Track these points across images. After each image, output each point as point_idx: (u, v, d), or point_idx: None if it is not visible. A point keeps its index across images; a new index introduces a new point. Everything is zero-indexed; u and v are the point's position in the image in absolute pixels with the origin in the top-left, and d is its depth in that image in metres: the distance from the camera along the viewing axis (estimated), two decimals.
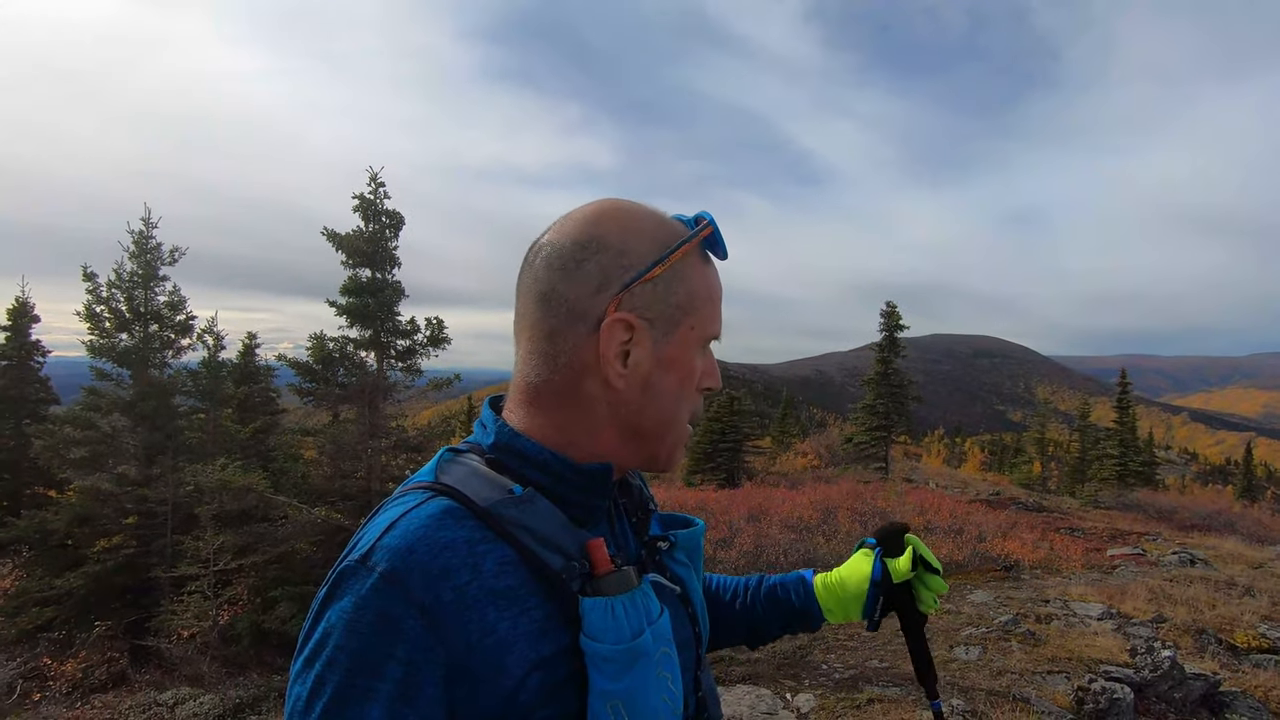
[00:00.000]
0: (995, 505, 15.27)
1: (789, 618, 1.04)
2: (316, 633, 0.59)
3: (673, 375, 0.71)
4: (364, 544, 0.61)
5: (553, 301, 0.68)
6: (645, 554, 0.78)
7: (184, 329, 11.58)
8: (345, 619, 0.57)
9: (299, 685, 0.58)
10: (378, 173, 10.06)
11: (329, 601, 0.60)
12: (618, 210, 0.72)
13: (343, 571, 0.60)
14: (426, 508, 0.63)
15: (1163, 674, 4.44)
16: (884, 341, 23.14)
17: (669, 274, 0.70)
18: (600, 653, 0.61)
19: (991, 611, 6.35)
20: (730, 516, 11.94)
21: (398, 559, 0.58)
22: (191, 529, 9.63)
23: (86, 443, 10.62)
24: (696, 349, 0.73)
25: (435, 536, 0.60)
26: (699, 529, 0.84)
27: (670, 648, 0.67)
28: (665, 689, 0.65)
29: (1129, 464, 24.37)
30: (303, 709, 0.56)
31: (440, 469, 0.69)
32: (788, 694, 4.43)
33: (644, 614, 0.65)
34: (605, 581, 0.64)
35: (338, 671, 0.56)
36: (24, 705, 7.81)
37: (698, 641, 0.80)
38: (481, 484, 0.66)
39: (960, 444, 69.25)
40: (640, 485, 0.85)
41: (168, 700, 7.10)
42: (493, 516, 0.63)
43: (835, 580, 1.04)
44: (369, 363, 10.03)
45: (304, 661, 0.59)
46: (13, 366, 16.61)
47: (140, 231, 11.31)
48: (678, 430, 0.74)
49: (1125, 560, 9.47)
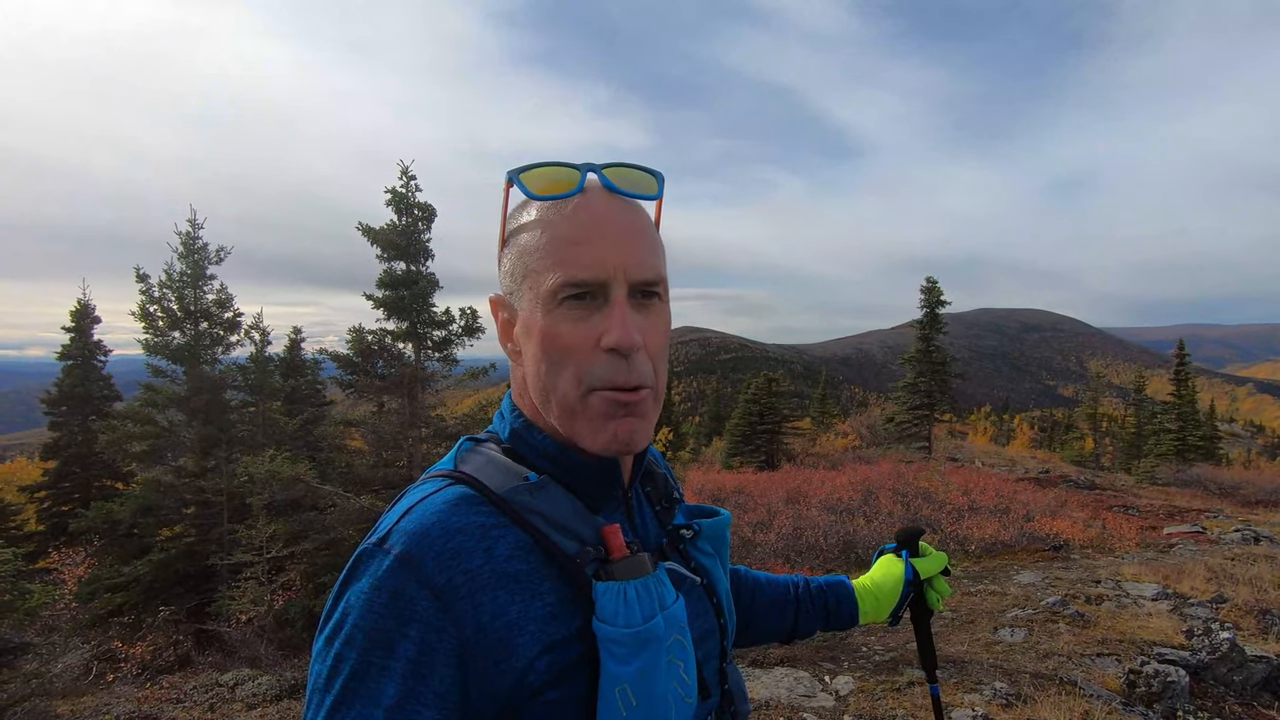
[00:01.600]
0: (1044, 483, 14.84)
1: (829, 617, 1.11)
2: (336, 613, 0.61)
3: (532, 340, 0.67)
4: (382, 528, 0.64)
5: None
6: (667, 542, 0.78)
7: (232, 325, 11.99)
8: (363, 599, 0.60)
9: (319, 663, 0.60)
10: (408, 165, 10.19)
11: (348, 583, 0.62)
12: None
13: (361, 554, 0.63)
14: (443, 494, 0.65)
15: (1221, 656, 4.27)
16: (925, 318, 22.58)
17: (511, 246, 0.71)
18: (611, 636, 0.62)
19: (1038, 593, 6.19)
20: (768, 499, 11.89)
21: (412, 542, 0.61)
22: (245, 518, 10.02)
23: (146, 437, 11.12)
24: (541, 308, 0.66)
25: (449, 521, 0.62)
26: (724, 519, 0.83)
27: (684, 635, 0.67)
28: (676, 675, 0.65)
29: (1188, 438, 23.41)
30: (323, 685, 0.59)
31: (460, 458, 0.71)
32: (826, 676, 4.41)
33: (657, 600, 0.65)
34: (619, 566, 0.65)
35: (355, 649, 0.58)
36: (99, 685, 8.28)
37: (722, 633, 0.80)
38: (498, 472, 0.68)
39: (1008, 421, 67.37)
40: (666, 474, 0.85)
41: (228, 681, 7.43)
42: (508, 503, 0.65)
43: (872, 584, 1.13)
44: (406, 354, 10.23)
45: (324, 640, 0.61)
46: (77, 366, 17.46)
47: (187, 232, 11.72)
48: (559, 397, 0.66)
49: (1183, 538, 9.11)
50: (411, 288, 10.03)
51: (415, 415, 10.04)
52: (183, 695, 7.33)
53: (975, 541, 8.89)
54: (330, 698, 0.58)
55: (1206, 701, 3.97)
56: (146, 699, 7.25)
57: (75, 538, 12.37)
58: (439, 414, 10.92)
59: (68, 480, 16.84)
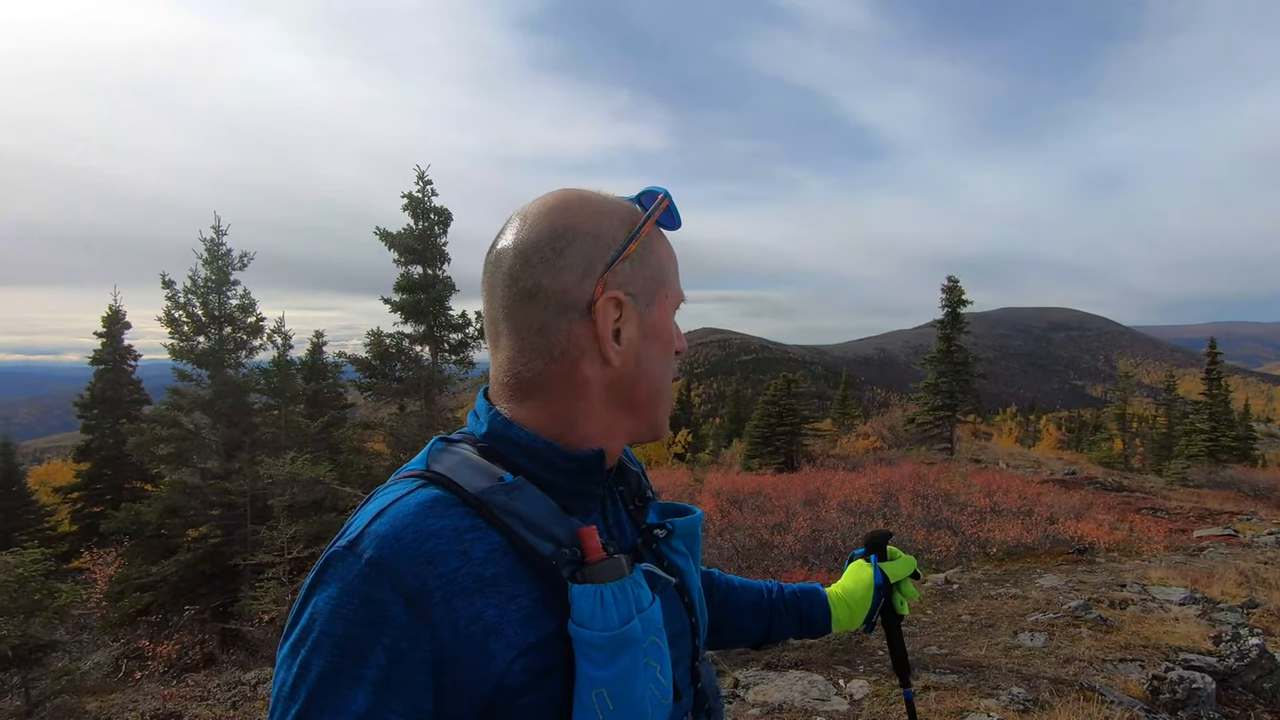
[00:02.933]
0: (1070, 485, 14.55)
1: (802, 624, 1.12)
2: (303, 618, 0.59)
3: (658, 344, 0.74)
4: (353, 530, 0.61)
5: (539, 296, 0.69)
6: (642, 542, 0.77)
7: (255, 330, 12.20)
8: (331, 605, 0.57)
9: (284, 670, 0.58)
10: (424, 171, 10.29)
11: (316, 587, 0.59)
12: (578, 197, 0.73)
13: (330, 557, 0.60)
14: (416, 495, 0.63)
15: (1250, 663, 4.15)
16: (946, 318, 22.29)
17: (641, 249, 0.72)
18: (588, 639, 0.61)
19: (1061, 596, 6.06)
20: (787, 501, 11.80)
21: (385, 546, 0.58)
22: (268, 519, 10.19)
23: (172, 440, 11.36)
24: (671, 315, 0.77)
25: (423, 524, 0.60)
26: (697, 517, 0.83)
27: (660, 637, 0.66)
28: (653, 678, 0.64)
29: (1221, 439, 22.81)
30: (288, 694, 0.56)
31: (432, 458, 0.69)
32: (840, 680, 4.36)
33: (634, 602, 0.64)
34: (596, 569, 0.64)
35: (322, 657, 0.56)
36: (127, 683, 8.47)
37: (694, 632, 0.79)
38: (472, 472, 0.66)
39: (1034, 422, 66.16)
40: (639, 473, 0.85)
41: (251, 680, 7.55)
42: (483, 504, 0.63)
43: (844, 591, 1.14)
44: (424, 357, 10.33)
45: (290, 646, 0.58)
46: (109, 370, 17.91)
47: (211, 239, 11.96)
48: (667, 394, 0.77)
49: (1214, 541, 8.88)
50: (428, 291, 10.13)
51: (433, 417, 10.14)
52: (207, 693, 7.46)
53: (997, 544, 8.74)
54: (296, 706, 0.56)
55: (1234, 709, 3.86)
56: (172, 696, 7.39)
57: (106, 538, 12.66)
58: (457, 416, 11.01)
59: (99, 482, 17.26)
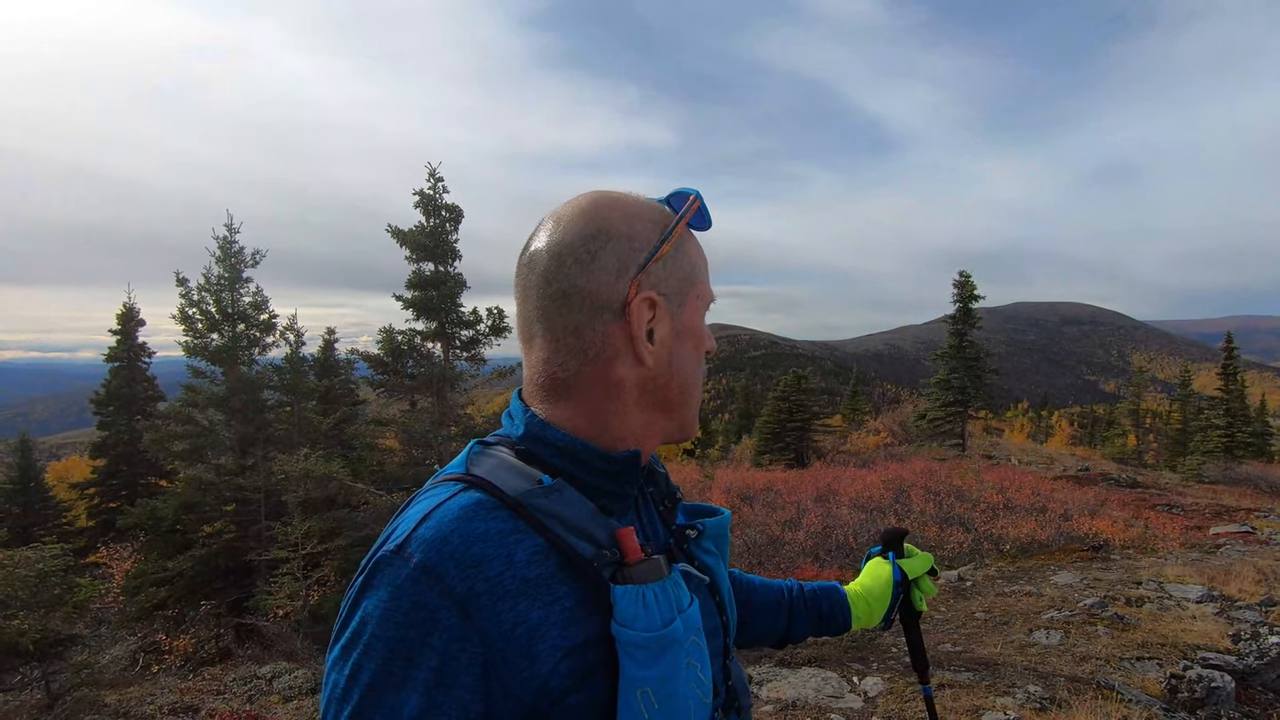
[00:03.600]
0: (1083, 481, 14.44)
1: (822, 623, 1.13)
2: (354, 621, 0.60)
3: (690, 343, 0.75)
4: (399, 535, 0.62)
5: (573, 297, 0.69)
6: (674, 543, 0.79)
7: (268, 327, 12.29)
8: (382, 608, 0.58)
9: (336, 673, 0.59)
10: (436, 168, 10.32)
11: (365, 591, 0.61)
12: (611, 199, 0.74)
13: (379, 561, 0.61)
14: (459, 499, 0.64)
15: (1270, 661, 4.11)
16: (958, 313, 22.13)
17: (673, 250, 0.74)
18: (631, 640, 0.62)
19: (1076, 594, 6.02)
20: (798, 497, 11.78)
21: (432, 550, 0.59)
22: (282, 515, 10.28)
23: (187, 436, 11.48)
24: (703, 314, 0.78)
25: (468, 528, 0.61)
26: (725, 518, 0.85)
27: (700, 637, 0.68)
28: (694, 677, 0.65)
29: (1237, 434, 22.55)
30: (340, 696, 0.58)
31: (471, 461, 0.70)
32: (855, 677, 4.35)
33: (674, 603, 0.65)
34: (636, 569, 0.65)
35: (374, 659, 0.57)
36: (144, 676, 8.57)
37: (725, 630, 0.81)
38: (511, 475, 0.67)
39: (1047, 417, 65.67)
40: (665, 474, 0.86)
41: (266, 674, 7.63)
42: (523, 507, 0.64)
43: (863, 589, 1.16)
44: (435, 354, 10.36)
45: (341, 649, 0.60)
46: (123, 367, 18.10)
47: (224, 237, 12.04)
48: (697, 393, 0.79)
49: (1231, 539, 8.78)
50: (440, 288, 10.16)
51: (445, 414, 10.18)
52: (223, 687, 7.54)
53: (1010, 541, 8.69)
54: (349, 708, 0.57)
55: (1254, 708, 3.82)
56: (188, 690, 7.48)
57: (122, 534, 12.83)
58: (468, 413, 11.05)
59: (115, 478, 17.47)
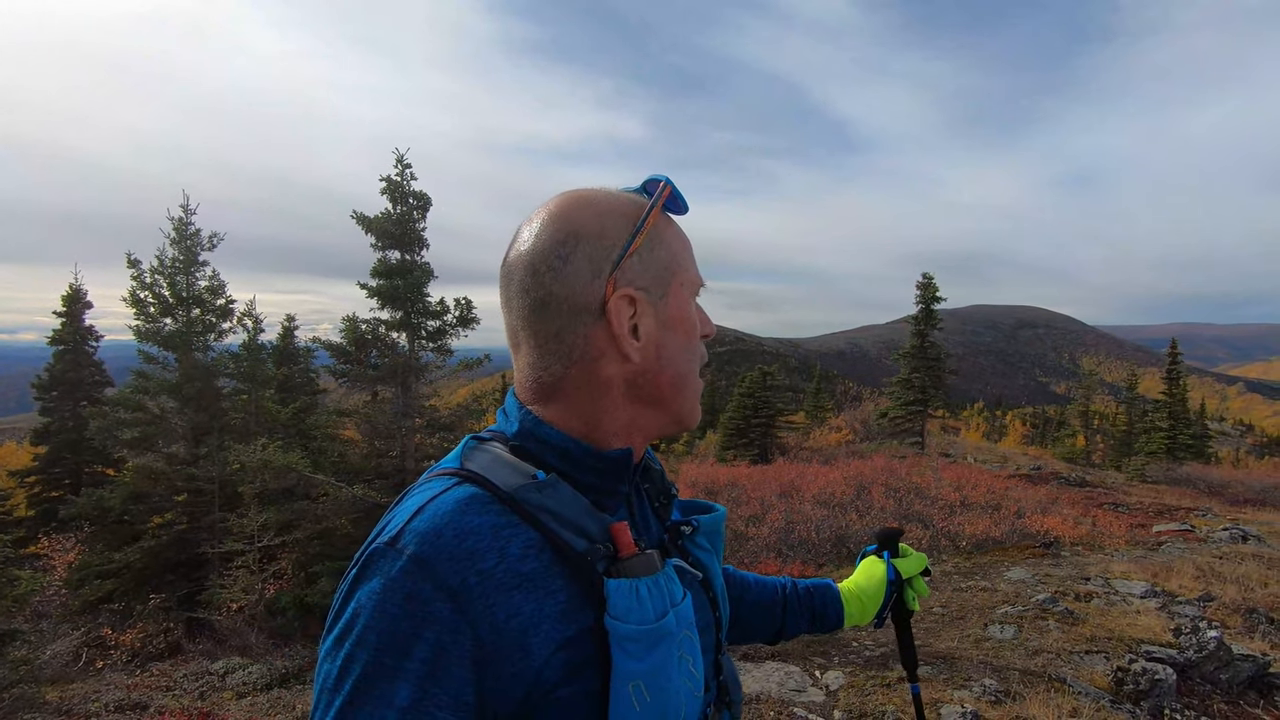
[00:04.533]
0: (1035, 480, 14.92)
1: (815, 620, 1.14)
2: (346, 612, 0.60)
3: (679, 332, 0.74)
4: (393, 527, 0.63)
5: (551, 305, 0.70)
6: (668, 538, 0.79)
7: (224, 313, 11.89)
8: (375, 600, 0.59)
9: (328, 663, 0.60)
10: (404, 155, 10.11)
11: (358, 582, 0.61)
12: (580, 199, 0.73)
13: (372, 553, 0.62)
14: (453, 493, 0.64)
15: (1208, 655, 4.30)
16: (920, 314, 22.63)
17: (648, 241, 0.72)
18: (624, 633, 0.63)
19: (1029, 589, 6.22)
20: (762, 493, 11.92)
21: (426, 543, 0.60)
22: (237, 506, 9.98)
23: (137, 424, 11.05)
24: (690, 302, 0.76)
25: (462, 521, 0.62)
26: (720, 515, 0.86)
27: (692, 631, 0.68)
28: (686, 671, 0.66)
29: (1179, 437, 23.56)
30: (332, 686, 0.58)
31: (465, 456, 0.71)
32: (817, 671, 4.42)
33: (667, 596, 0.66)
34: (629, 564, 0.66)
35: (367, 650, 0.58)
36: (88, 672, 8.26)
37: (718, 626, 0.82)
38: (505, 470, 0.68)
39: (1000, 417, 67.71)
40: (661, 470, 0.86)
41: (219, 670, 7.43)
42: (517, 501, 0.65)
43: (857, 587, 1.17)
44: (400, 344, 10.18)
45: (334, 640, 0.60)
46: (69, 351, 17.35)
47: (180, 218, 11.61)
48: (693, 382, 0.77)
49: (1172, 537, 9.18)
50: (406, 277, 9.97)
51: (409, 405, 10.01)
52: (173, 683, 7.32)
53: (966, 538, 8.94)
54: (340, 698, 0.57)
55: (1193, 700, 4.00)
56: (136, 686, 7.23)
57: (65, 524, 12.31)
58: (433, 404, 10.89)
59: (58, 466, 16.75)
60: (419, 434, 10.40)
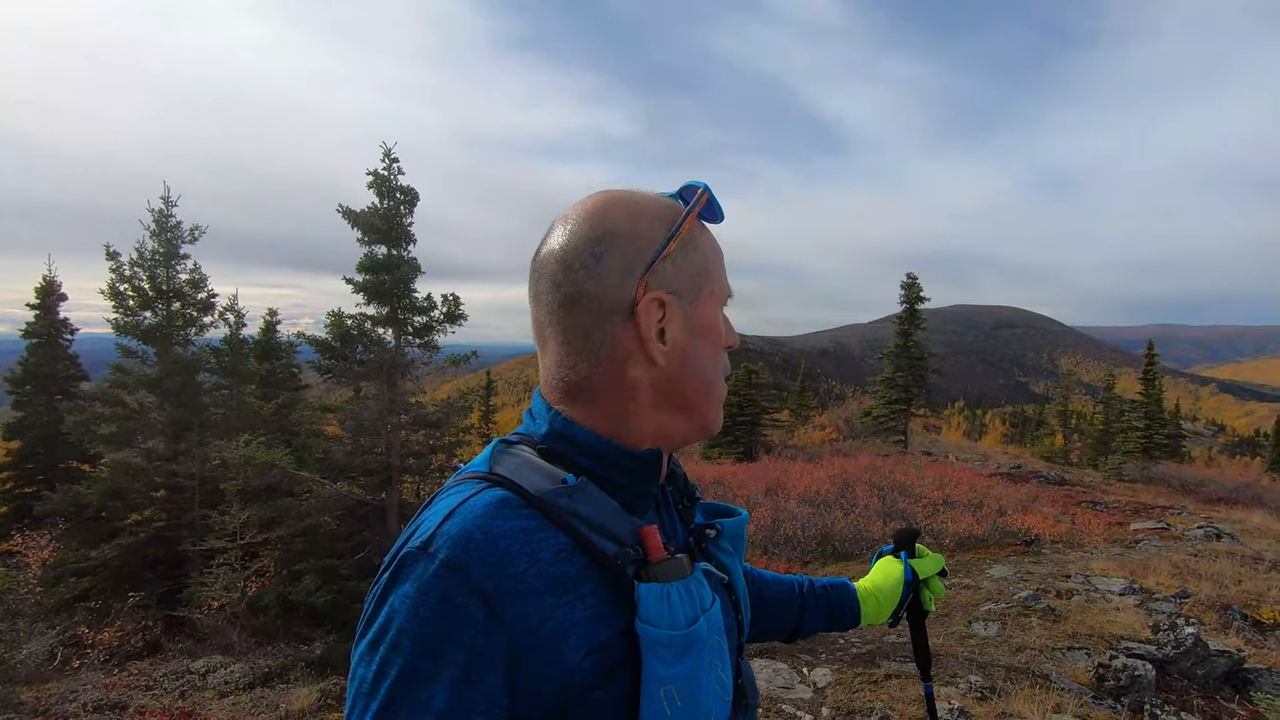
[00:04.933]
0: (1016, 479, 15.13)
1: (832, 618, 1.14)
2: (380, 616, 0.60)
3: (706, 340, 0.74)
4: (424, 531, 0.62)
5: (581, 301, 0.70)
6: (693, 541, 0.79)
7: (206, 306, 11.73)
8: (409, 604, 0.59)
9: (363, 667, 0.59)
10: (391, 149, 10.00)
11: (392, 586, 0.61)
12: (617, 199, 0.73)
13: (405, 557, 0.61)
14: (483, 497, 0.64)
15: (1185, 650, 4.40)
16: (904, 314, 22.83)
17: (682, 246, 0.73)
18: (656, 638, 0.63)
19: (1011, 587, 6.32)
20: (748, 491, 11.97)
21: (458, 547, 0.60)
22: (218, 503, 9.85)
23: (115, 419, 10.87)
24: (718, 311, 0.76)
25: (493, 525, 0.62)
26: (744, 519, 0.86)
27: (722, 636, 0.69)
28: (716, 676, 0.67)
29: (1154, 436, 24.00)
30: (368, 690, 0.58)
31: (494, 459, 0.70)
32: (804, 668, 4.46)
33: (698, 601, 0.66)
34: (660, 568, 0.66)
35: (402, 654, 0.58)
36: (64, 672, 8.11)
37: (739, 629, 0.82)
38: (535, 474, 0.68)
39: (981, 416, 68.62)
40: (684, 474, 0.87)
41: (200, 669, 7.33)
42: (547, 505, 0.65)
43: (873, 586, 1.17)
44: (386, 339, 10.09)
45: (368, 644, 0.60)
46: (43, 344, 16.99)
47: (160, 210, 11.41)
48: (718, 391, 0.77)
49: (1149, 534, 9.36)
50: (393, 272, 9.88)
51: (394, 402, 9.93)
52: (152, 682, 7.21)
53: (950, 536, 9.04)
54: (376, 703, 0.57)
55: (1171, 695, 4.09)
56: (114, 686, 7.12)
57: (40, 520, 12.06)
58: (418, 400, 10.81)
59: (31, 461, 16.41)
60: (404, 430, 10.32)
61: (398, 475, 10.05)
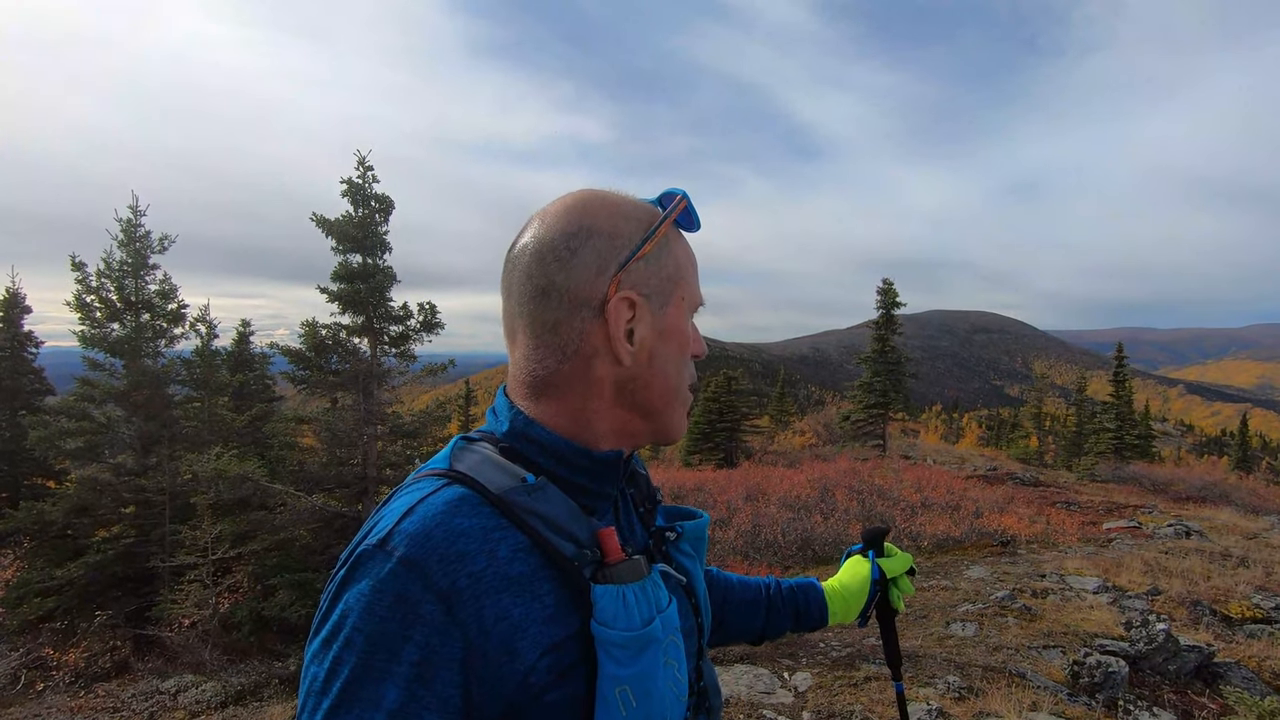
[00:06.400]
0: (992, 480, 15.34)
1: (799, 618, 1.14)
2: (334, 614, 0.60)
3: (673, 345, 0.74)
4: (381, 528, 0.62)
5: (552, 294, 0.69)
6: (653, 544, 0.80)
7: (176, 318, 11.48)
8: (363, 601, 0.58)
9: (316, 665, 0.59)
10: (365, 156, 9.92)
11: (347, 584, 0.60)
12: (596, 197, 0.74)
13: (360, 554, 0.61)
14: (443, 494, 0.64)
15: (1157, 646, 4.47)
16: (881, 319, 23.09)
17: (657, 249, 0.73)
18: (611, 639, 0.63)
19: (988, 587, 6.39)
20: (728, 496, 11.99)
21: (416, 544, 0.59)
22: (190, 518, 9.62)
23: (81, 433, 10.58)
24: (688, 317, 0.77)
25: (452, 523, 0.61)
26: (704, 521, 0.87)
27: (678, 637, 0.69)
28: (672, 676, 0.67)
29: (1125, 437, 24.48)
30: (320, 689, 0.57)
31: (454, 456, 0.70)
32: (785, 673, 4.45)
33: (654, 603, 0.67)
34: (617, 569, 0.66)
35: (354, 652, 0.57)
36: (28, 695, 7.85)
37: (700, 632, 0.82)
38: (495, 472, 0.67)
39: (957, 419, 69.56)
40: (646, 476, 0.87)
41: (170, 688, 7.14)
42: (506, 504, 0.64)
43: (841, 585, 1.17)
44: (362, 349, 9.96)
45: (321, 642, 0.59)
46: (5, 357, 16.55)
47: (128, 219, 11.17)
48: (682, 397, 0.77)
49: (1121, 533, 9.53)
50: (368, 281, 9.78)
51: (370, 412, 9.80)
52: (120, 704, 7.01)
53: (928, 537, 9.13)
54: (328, 700, 0.56)
55: (1144, 690, 4.16)
56: (81, 708, 6.91)
57: (3, 539, 11.70)
58: (395, 410, 10.68)
59: None
60: (381, 441, 10.19)
61: (374, 486, 9.91)
